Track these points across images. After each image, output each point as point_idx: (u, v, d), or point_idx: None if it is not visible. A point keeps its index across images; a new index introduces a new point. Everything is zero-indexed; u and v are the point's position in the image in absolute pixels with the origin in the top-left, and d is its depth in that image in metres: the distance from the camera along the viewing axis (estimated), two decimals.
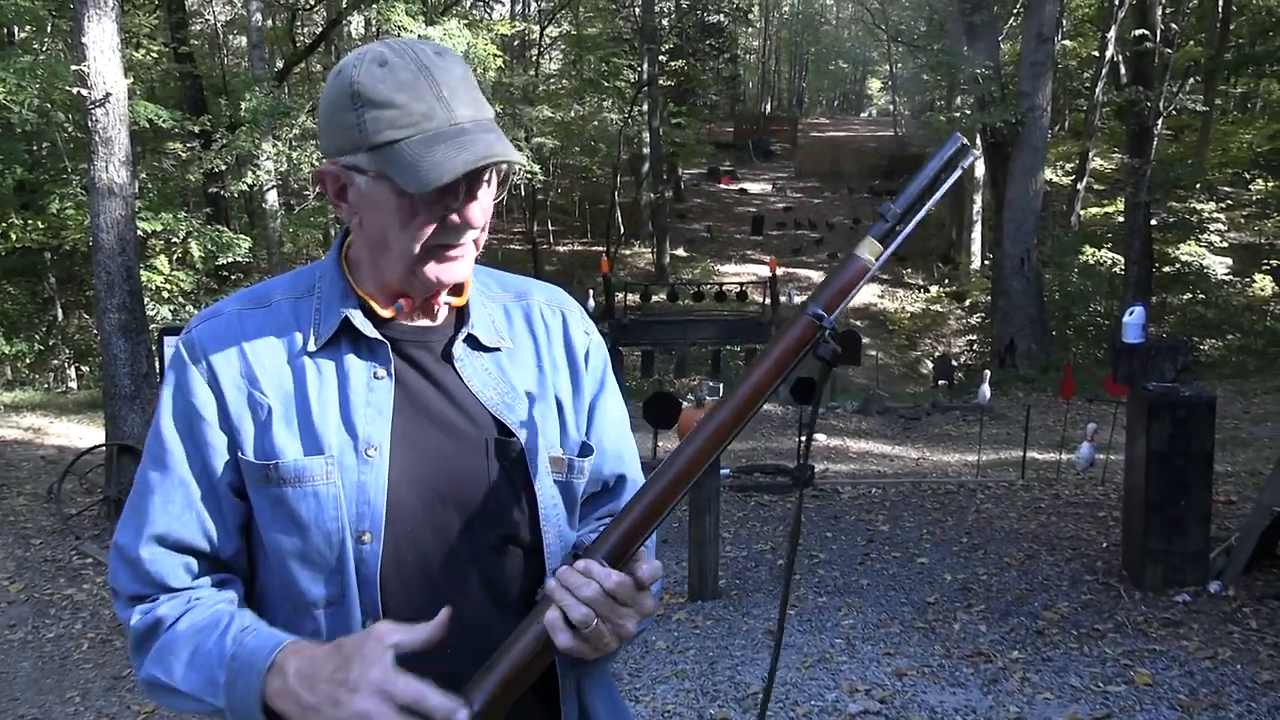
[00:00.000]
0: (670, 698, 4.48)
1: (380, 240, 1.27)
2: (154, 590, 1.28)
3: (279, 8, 22.68)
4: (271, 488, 1.26)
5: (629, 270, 28.14)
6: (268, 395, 1.28)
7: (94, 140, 7.91)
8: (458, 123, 1.21)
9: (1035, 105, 16.88)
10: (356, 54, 1.25)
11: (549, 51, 34.01)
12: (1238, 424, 11.80)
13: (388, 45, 1.25)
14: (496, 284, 1.45)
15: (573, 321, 1.46)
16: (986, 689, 4.41)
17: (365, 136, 1.21)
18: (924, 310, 26.36)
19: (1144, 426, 5.46)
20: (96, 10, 7.82)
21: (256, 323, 1.32)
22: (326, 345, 1.30)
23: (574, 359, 1.44)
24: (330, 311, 1.31)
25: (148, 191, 17.16)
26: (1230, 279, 22.09)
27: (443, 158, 1.18)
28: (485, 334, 1.37)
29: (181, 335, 1.34)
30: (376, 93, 1.21)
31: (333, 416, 1.27)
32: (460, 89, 1.23)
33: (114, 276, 8.00)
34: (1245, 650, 4.65)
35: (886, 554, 6.60)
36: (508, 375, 1.37)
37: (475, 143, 1.20)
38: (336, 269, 1.35)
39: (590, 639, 1.15)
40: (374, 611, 1.25)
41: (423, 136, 1.19)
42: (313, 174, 1.40)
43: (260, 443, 1.27)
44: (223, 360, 1.29)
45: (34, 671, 5.39)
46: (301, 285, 1.35)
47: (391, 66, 1.21)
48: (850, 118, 54.90)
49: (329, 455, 1.26)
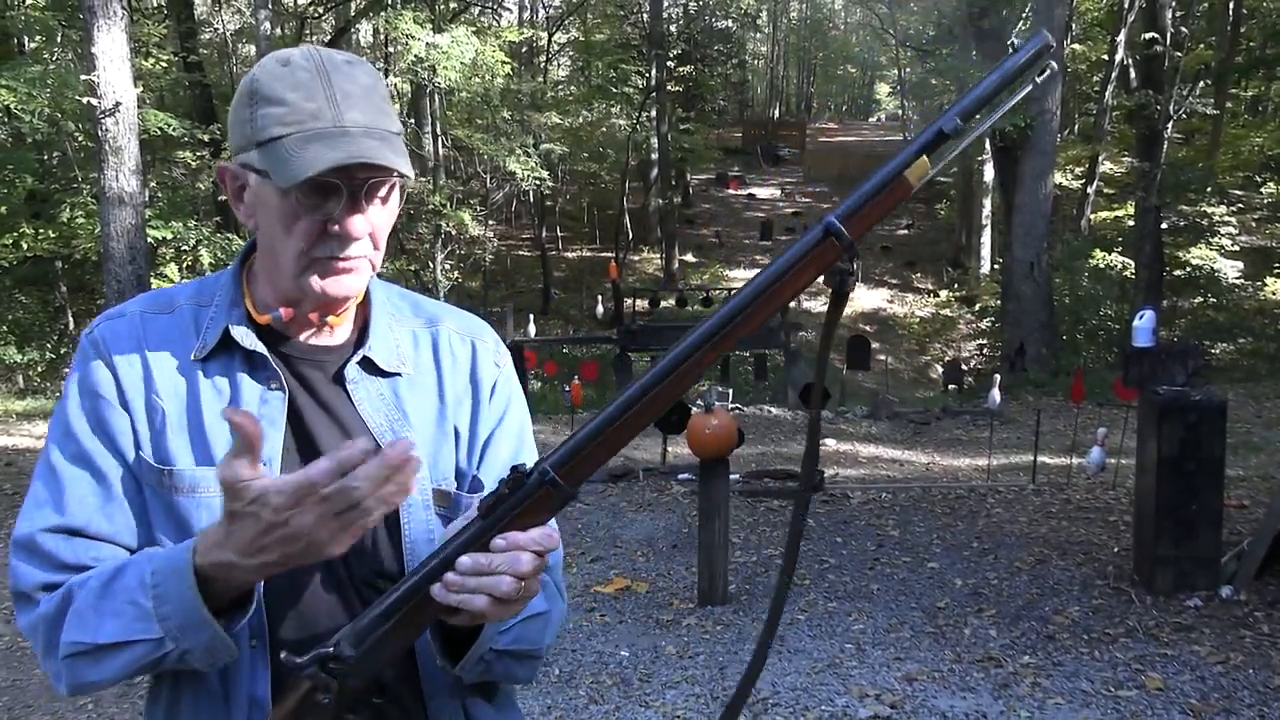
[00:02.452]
0: (680, 702, 4.48)
1: (269, 244, 1.25)
2: (66, 574, 1.21)
3: (288, 16, 22.77)
4: (164, 493, 1.25)
5: (638, 276, 28.15)
6: (163, 400, 1.27)
7: (104, 149, 7.96)
8: (343, 125, 1.18)
9: (1044, 109, 16.85)
10: (269, 56, 1.25)
11: (557, 58, 34.07)
12: (1250, 428, 11.75)
13: (300, 49, 1.24)
14: (410, 308, 1.42)
15: (482, 351, 1.42)
16: (997, 694, 4.40)
17: (255, 132, 1.20)
18: (934, 315, 26.32)
19: (1155, 431, 5.44)
20: (106, 20, 7.86)
21: (158, 328, 1.30)
22: (217, 355, 1.28)
23: (478, 391, 1.39)
24: (219, 320, 1.29)
25: (158, 200, 17.24)
26: (1242, 283, 22.01)
27: (314, 155, 1.15)
28: (384, 358, 1.33)
29: (86, 332, 1.32)
30: (271, 90, 1.19)
31: (224, 428, 1.25)
32: (359, 95, 1.21)
33: (125, 285, 8.04)
34: (1257, 655, 4.63)
35: (896, 559, 6.58)
36: (402, 402, 1.33)
37: (352, 144, 1.17)
38: (233, 277, 1.33)
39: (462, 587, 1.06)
40: (260, 632, 1.23)
41: (303, 134, 1.17)
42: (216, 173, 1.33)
43: (157, 446, 1.26)
44: (123, 361, 1.28)
45: (46, 679, 5.41)
46: (205, 292, 1.34)
47: (292, 66, 1.21)
48: (859, 122, 54.86)
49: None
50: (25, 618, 1.23)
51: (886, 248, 30.83)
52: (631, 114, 27.81)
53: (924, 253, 30.69)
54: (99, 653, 1.16)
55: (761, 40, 51.07)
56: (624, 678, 4.78)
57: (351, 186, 1.20)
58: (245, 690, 1.24)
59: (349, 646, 1.06)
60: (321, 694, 1.07)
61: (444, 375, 1.37)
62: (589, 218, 32.98)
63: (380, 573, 1.28)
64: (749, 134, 44.52)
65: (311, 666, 1.06)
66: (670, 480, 8.93)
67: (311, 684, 1.07)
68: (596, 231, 32.33)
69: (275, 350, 1.30)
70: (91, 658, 1.16)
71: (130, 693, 5.17)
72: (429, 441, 1.33)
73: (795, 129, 46.68)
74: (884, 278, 28.93)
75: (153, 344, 1.29)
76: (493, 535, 1.06)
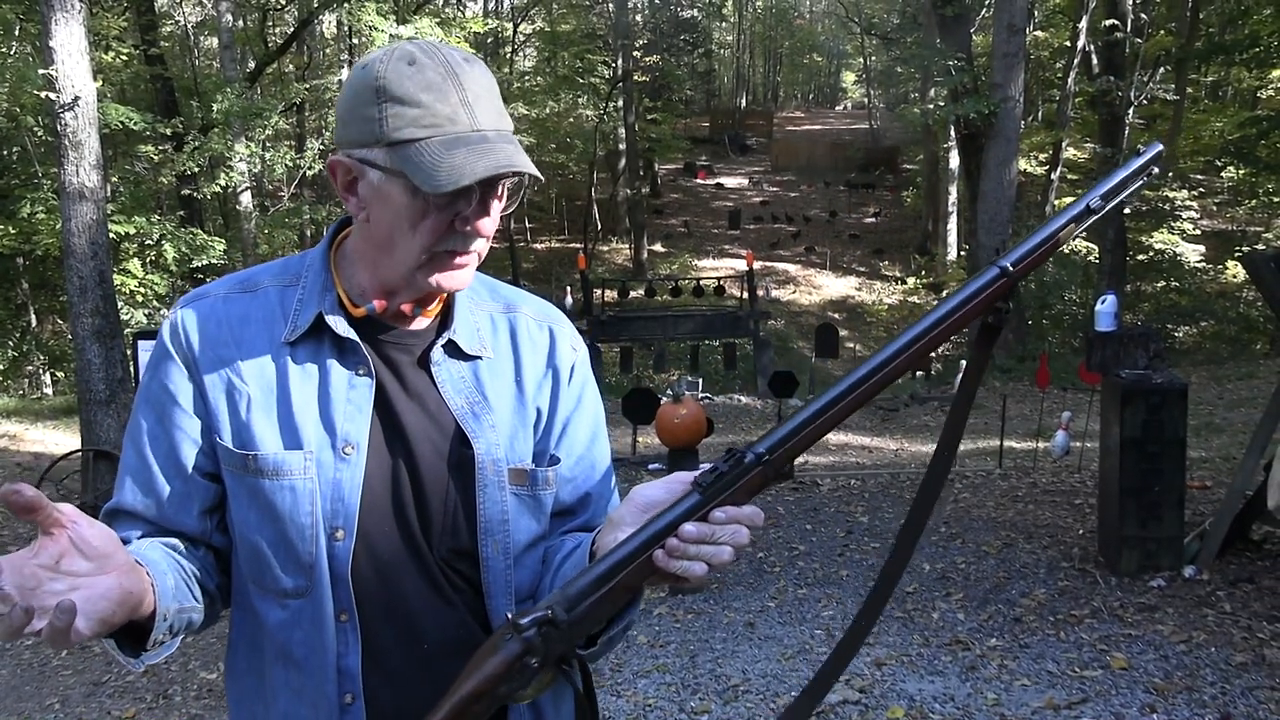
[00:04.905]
0: (652, 691, 4.49)
1: (386, 238, 1.26)
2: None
3: (250, 8, 22.53)
4: (249, 477, 1.27)
5: (607, 266, 28.15)
6: (248, 384, 1.28)
7: (64, 144, 7.85)
8: (480, 129, 1.21)
9: (1008, 96, 16.98)
10: (384, 51, 1.25)
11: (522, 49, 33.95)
12: (1212, 410, 11.92)
13: (418, 45, 1.25)
14: (487, 292, 1.45)
15: (560, 337, 1.45)
16: (964, 676, 4.45)
17: (385, 132, 1.21)
18: (901, 302, 26.49)
19: (1117, 414, 5.51)
20: (63, 13, 7.76)
21: (242, 308, 1.32)
22: (307, 339, 1.30)
23: (557, 375, 1.43)
24: (310, 304, 1.31)
25: (120, 195, 17.05)
26: (1203, 266, 22.28)
27: (462, 162, 1.18)
28: (467, 341, 1.36)
29: (168, 315, 1.34)
30: (402, 90, 1.20)
31: (311, 412, 1.28)
32: (485, 97, 1.23)
33: (87, 281, 7.94)
34: (1219, 633, 4.70)
35: (866, 545, 6.63)
36: (482, 385, 1.36)
37: (496, 151, 1.20)
38: (322, 261, 1.35)
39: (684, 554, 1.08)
40: (346, 606, 1.26)
41: (444, 139, 1.19)
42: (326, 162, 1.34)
43: (238, 431, 1.28)
44: (205, 345, 1.30)
45: (13, 679, 5.36)
46: (289, 273, 1.36)
47: (420, 66, 1.21)
48: (825, 111, 55.02)
49: (308, 451, 1.26)
50: None
51: (855, 235, 30.99)
52: (598, 104, 27.77)
53: (891, 240, 30.85)
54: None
55: (727, 29, 51.06)
56: (595, 667, 4.79)
57: (483, 188, 1.23)
58: (334, 662, 1.27)
59: (562, 611, 1.06)
60: (533, 657, 1.06)
61: (522, 360, 1.40)
62: (557, 209, 32.94)
63: (458, 550, 1.31)
64: (716, 124, 44.59)
65: (533, 629, 1.05)
66: (641, 470, 8.95)
67: (525, 647, 1.06)
68: (565, 222, 32.30)
69: (363, 335, 1.32)
70: None
71: (98, 692, 5.14)
72: (507, 423, 1.36)
73: (762, 118, 46.80)
74: (852, 265, 29.08)
75: (237, 326, 1.31)
76: (710, 510, 1.09)
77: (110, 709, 4.95)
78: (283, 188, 20.88)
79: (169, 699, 5.01)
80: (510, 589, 1.33)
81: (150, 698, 5.04)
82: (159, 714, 4.89)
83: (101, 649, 5.62)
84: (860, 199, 34.51)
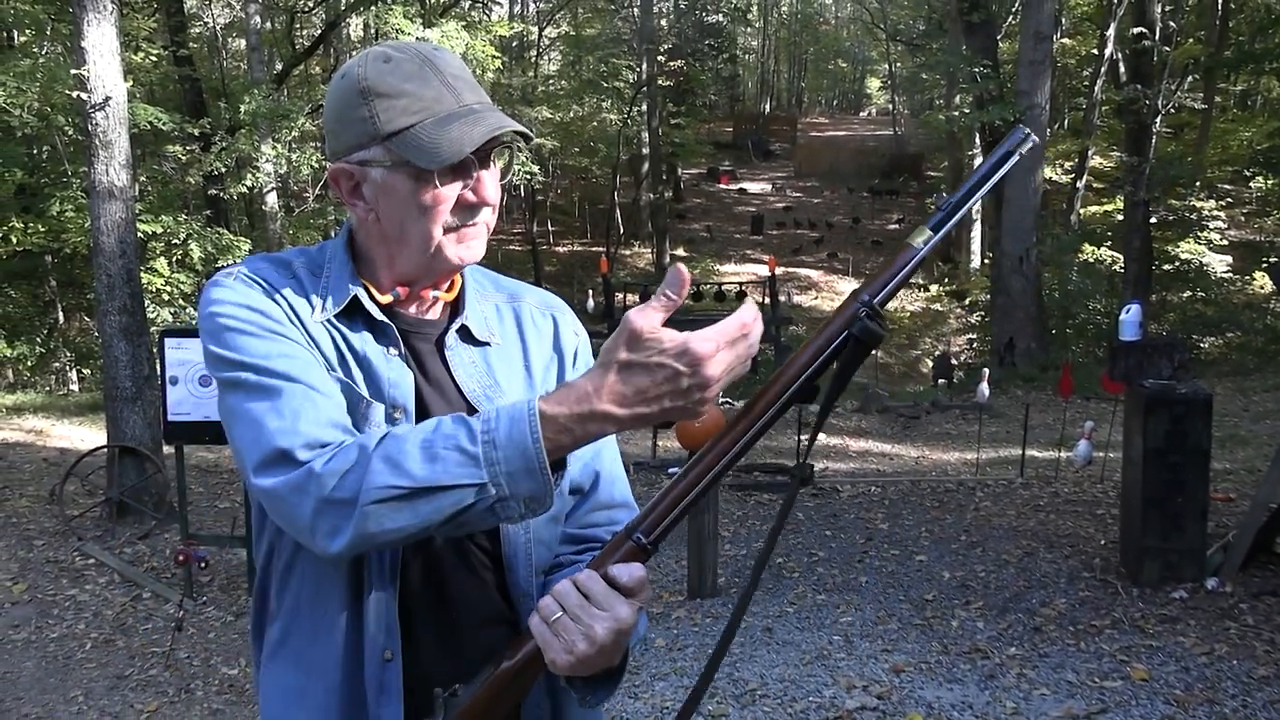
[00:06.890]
0: (669, 694, 4.50)
1: (398, 230, 1.31)
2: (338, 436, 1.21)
3: (278, 10, 22.69)
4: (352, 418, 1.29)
5: (629, 270, 28.16)
6: (317, 341, 1.31)
7: (94, 143, 7.93)
8: (466, 104, 1.28)
9: (1034, 103, 16.89)
10: (358, 58, 1.32)
11: (547, 52, 34.05)
12: (1237, 421, 11.81)
13: (388, 45, 1.32)
14: (491, 284, 1.50)
15: (563, 323, 1.51)
16: (984, 685, 4.44)
17: (378, 127, 1.27)
18: (924, 309, 26.38)
19: (1141, 424, 5.48)
20: (96, 14, 7.84)
21: (285, 279, 1.35)
22: (340, 320, 1.33)
23: (562, 358, 1.49)
24: (339, 288, 1.35)
25: (148, 194, 17.19)
26: (1230, 277, 22.09)
27: (459, 134, 1.25)
28: (477, 328, 1.41)
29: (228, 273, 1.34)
30: (385, 85, 1.27)
31: (359, 378, 1.32)
32: (462, 77, 1.30)
33: (115, 279, 8.01)
34: (1241, 646, 4.67)
35: (885, 552, 6.62)
36: (493, 369, 1.41)
37: (487, 118, 1.27)
38: (345, 253, 1.39)
39: (558, 633, 1.15)
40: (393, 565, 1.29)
41: (435, 119, 1.26)
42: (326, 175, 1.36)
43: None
44: (279, 293, 1.32)
45: (37, 671, 5.41)
46: (313, 261, 1.40)
47: (395, 61, 1.28)
48: (849, 117, 54.90)
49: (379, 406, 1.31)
50: (281, 477, 1.19)
51: (878, 242, 30.87)
52: (622, 108, 27.78)
53: None
54: (414, 496, 1.13)
55: (752, 35, 51.02)
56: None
57: (480, 160, 1.30)
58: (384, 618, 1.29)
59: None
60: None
61: (529, 346, 1.46)
62: (580, 212, 32.99)
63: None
64: (740, 128, 44.51)
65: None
66: (660, 474, 8.96)
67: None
68: (588, 226, 32.34)
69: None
70: (403, 502, 1.13)
71: (121, 685, 5.19)
72: None
73: (786, 123, 46.71)
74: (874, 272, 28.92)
75: (285, 291, 1.33)
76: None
77: (133, 702, 4.99)
78: (308, 189, 21.01)
79: (191, 693, 5.06)
80: (531, 563, 1.37)
81: (172, 692, 5.09)
82: (181, 708, 4.94)
83: (125, 643, 5.69)
84: (884, 205, 34.38)
